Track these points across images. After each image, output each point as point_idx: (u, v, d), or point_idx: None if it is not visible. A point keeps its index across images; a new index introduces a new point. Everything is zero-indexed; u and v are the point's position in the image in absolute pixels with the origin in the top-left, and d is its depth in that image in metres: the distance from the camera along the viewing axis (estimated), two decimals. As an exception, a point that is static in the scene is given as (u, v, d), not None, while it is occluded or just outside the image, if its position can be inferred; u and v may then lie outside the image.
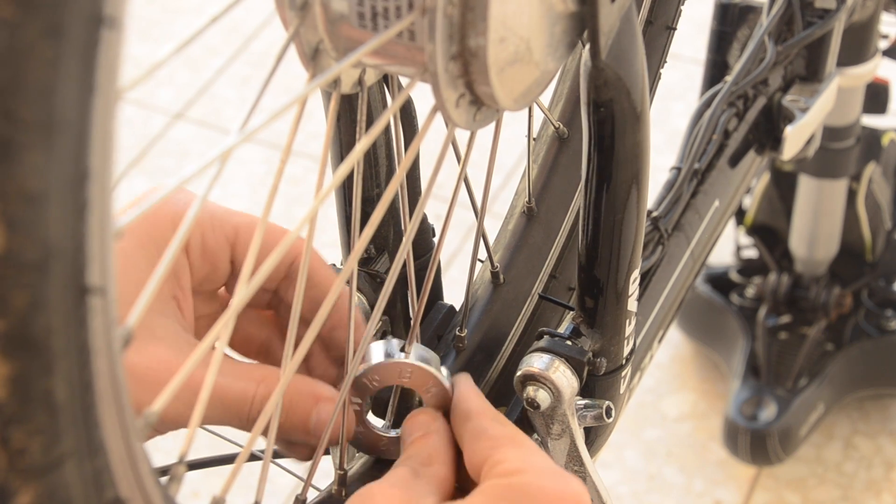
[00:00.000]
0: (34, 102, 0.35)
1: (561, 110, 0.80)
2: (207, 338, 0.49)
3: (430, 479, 0.59)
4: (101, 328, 0.40)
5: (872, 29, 1.19)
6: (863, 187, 1.41)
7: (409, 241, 0.61)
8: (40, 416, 0.39)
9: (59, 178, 0.36)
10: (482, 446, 0.59)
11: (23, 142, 0.35)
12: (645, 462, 1.46)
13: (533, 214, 0.77)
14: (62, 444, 0.40)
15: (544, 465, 0.57)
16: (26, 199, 0.36)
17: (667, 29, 0.83)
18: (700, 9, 1.27)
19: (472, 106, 0.55)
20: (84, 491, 0.41)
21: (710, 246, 0.89)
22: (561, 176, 0.79)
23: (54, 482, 0.40)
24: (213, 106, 1.89)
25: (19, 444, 0.38)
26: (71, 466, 0.40)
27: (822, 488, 1.43)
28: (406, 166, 0.56)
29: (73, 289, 0.38)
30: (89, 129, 0.37)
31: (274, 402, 0.56)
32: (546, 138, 0.79)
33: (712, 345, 1.52)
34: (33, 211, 0.36)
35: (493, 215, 1.69)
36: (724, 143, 0.90)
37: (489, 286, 0.74)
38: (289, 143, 0.55)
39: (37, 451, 0.39)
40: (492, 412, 0.61)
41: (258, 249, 0.53)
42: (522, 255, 0.76)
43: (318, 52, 0.55)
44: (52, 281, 0.37)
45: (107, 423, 0.42)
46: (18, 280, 0.36)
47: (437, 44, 0.50)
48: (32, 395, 0.38)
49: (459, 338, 0.71)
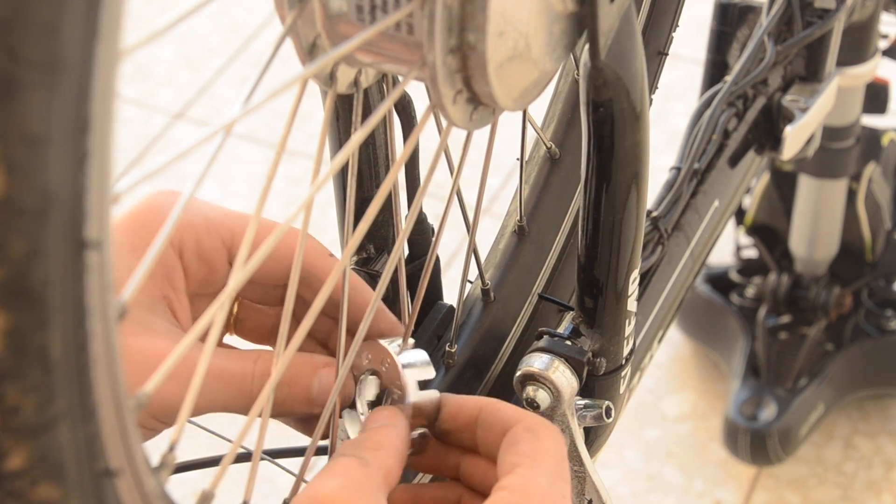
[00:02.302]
0: (37, 40, 0.35)
1: (553, 131, 0.80)
2: (202, 319, 0.49)
3: (377, 469, 0.57)
4: (98, 288, 0.40)
5: (872, 29, 1.19)
6: (863, 187, 1.41)
7: (403, 239, 0.61)
8: (35, 373, 0.38)
9: (61, 123, 0.36)
10: (506, 462, 0.59)
11: (25, 81, 0.35)
12: (645, 462, 1.46)
13: (524, 234, 0.77)
14: (56, 405, 0.39)
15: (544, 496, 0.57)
16: (27, 141, 0.35)
17: (658, 54, 0.83)
18: (700, 9, 1.27)
19: (470, 104, 0.55)
20: (76, 456, 0.41)
21: (709, 246, 0.89)
22: (552, 196, 0.79)
23: (47, 444, 0.40)
24: (213, 106, 1.89)
25: (12, 401, 0.38)
26: (64, 429, 0.40)
27: (822, 488, 1.43)
28: (401, 163, 0.56)
29: (71, 241, 0.38)
30: (92, 75, 0.37)
31: (269, 387, 0.56)
32: (538, 159, 0.79)
33: (712, 345, 1.52)
34: (34, 155, 0.36)
35: (493, 215, 1.69)
36: (723, 143, 0.90)
37: (480, 304, 0.74)
38: (285, 135, 0.54)
39: (30, 409, 0.39)
40: (529, 418, 0.61)
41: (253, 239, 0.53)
42: (513, 273, 0.76)
43: (315, 48, 0.55)
44: (51, 230, 0.37)
45: (100, 389, 0.41)
46: (17, 226, 0.36)
47: (436, 35, 0.50)
48: (27, 349, 0.38)
49: (449, 354, 0.71)
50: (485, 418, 0.61)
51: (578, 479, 0.70)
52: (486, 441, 0.61)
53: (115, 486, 0.44)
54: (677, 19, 0.83)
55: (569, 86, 0.80)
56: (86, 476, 0.42)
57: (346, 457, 0.57)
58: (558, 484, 0.58)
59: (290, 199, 1.74)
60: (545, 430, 0.60)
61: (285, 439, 0.71)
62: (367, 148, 0.69)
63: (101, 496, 0.43)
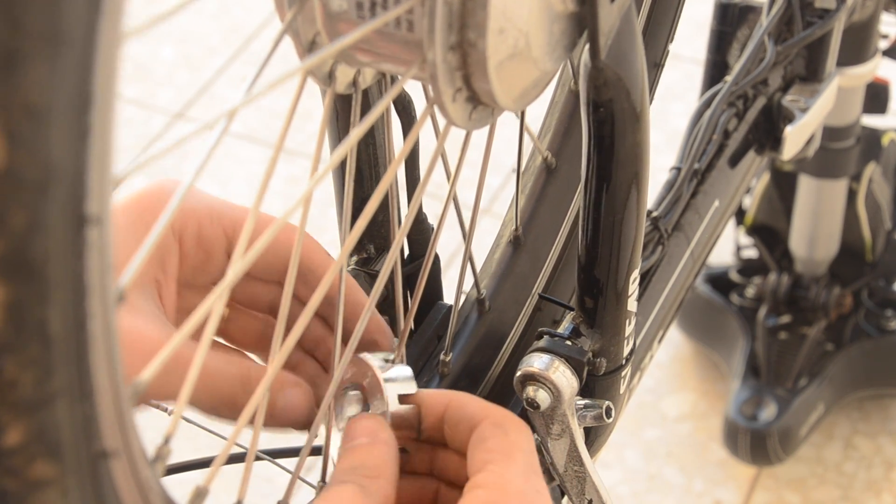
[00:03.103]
0: (41, 12, 0.35)
1: (549, 140, 0.80)
2: (200, 309, 0.49)
3: (378, 498, 0.57)
4: (98, 265, 0.40)
5: (872, 29, 1.19)
6: (863, 187, 1.41)
7: (401, 239, 0.61)
8: (34, 347, 0.38)
9: (63, 96, 0.36)
10: (477, 459, 0.58)
11: (28, 52, 0.35)
12: (645, 462, 1.46)
13: (520, 243, 0.77)
14: (54, 381, 0.39)
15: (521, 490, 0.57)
16: (29, 113, 0.35)
17: (654, 66, 0.83)
18: (700, 9, 1.27)
19: (469, 103, 0.54)
20: (73, 435, 0.41)
21: (710, 246, 0.89)
22: (548, 206, 0.79)
23: (45, 421, 0.39)
24: (213, 106, 1.89)
25: (11, 375, 0.38)
26: (62, 406, 0.40)
27: (822, 488, 1.43)
28: (400, 160, 0.56)
29: (72, 216, 0.38)
30: (95, 50, 0.37)
31: (260, 393, 0.56)
32: (534, 168, 0.79)
33: (712, 345, 1.52)
34: (36, 127, 0.36)
35: (493, 215, 1.69)
36: (723, 143, 0.90)
37: (475, 313, 0.74)
38: (285, 129, 0.54)
39: (28, 384, 0.38)
40: (496, 413, 0.60)
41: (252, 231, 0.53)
42: (508, 283, 0.76)
43: (314, 46, 0.55)
44: (52, 204, 0.37)
45: (98, 369, 0.41)
46: (18, 199, 0.36)
47: (437, 31, 0.50)
48: (27, 323, 0.38)
49: (444, 362, 0.71)
50: (451, 415, 0.61)
51: (578, 479, 0.70)
52: (454, 437, 0.61)
53: (111, 468, 0.44)
54: (673, 32, 0.83)
55: (565, 96, 0.80)
56: (82, 456, 0.42)
57: (347, 484, 0.57)
58: (532, 479, 0.58)
59: (290, 198, 1.74)
60: (513, 425, 0.60)
61: (285, 439, 0.70)
62: (368, 148, 0.69)
63: (97, 477, 0.43)
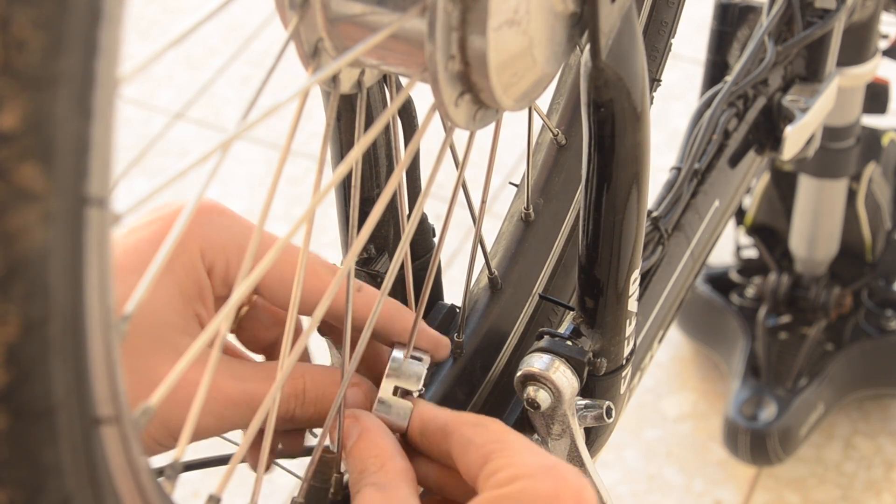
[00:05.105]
0: None
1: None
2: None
3: (395, 485, 0.58)
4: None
5: (872, 29, 1.19)
6: (863, 187, 1.41)
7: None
8: (48, 4, 0.36)
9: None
10: (472, 458, 0.58)
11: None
12: (645, 462, 1.46)
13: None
14: (62, 60, 0.37)
15: (537, 464, 0.57)
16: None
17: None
18: (700, 9, 1.27)
19: (472, 106, 0.55)
20: (67, 148, 0.38)
21: (710, 246, 0.89)
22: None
23: (45, 104, 0.37)
24: (213, 106, 1.89)
25: (20, 32, 0.35)
26: (63, 92, 0.37)
27: (822, 488, 1.43)
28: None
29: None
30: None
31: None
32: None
33: (712, 345, 1.52)
34: None
35: (493, 215, 1.69)
36: (724, 143, 0.90)
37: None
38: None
39: (37, 49, 0.36)
40: (466, 418, 0.61)
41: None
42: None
43: (317, 51, 0.55)
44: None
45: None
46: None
47: (437, 40, 0.50)
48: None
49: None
50: (425, 425, 0.62)
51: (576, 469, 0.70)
52: (428, 447, 0.62)
53: (96, 215, 0.40)
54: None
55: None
56: (69, 196, 0.38)
57: (361, 492, 0.58)
58: (536, 449, 0.59)
59: (291, 199, 1.74)
60: (488, 420, 0.60)
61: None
62: (368, 148, 0.69)
63: (78, 225, 0.39)
